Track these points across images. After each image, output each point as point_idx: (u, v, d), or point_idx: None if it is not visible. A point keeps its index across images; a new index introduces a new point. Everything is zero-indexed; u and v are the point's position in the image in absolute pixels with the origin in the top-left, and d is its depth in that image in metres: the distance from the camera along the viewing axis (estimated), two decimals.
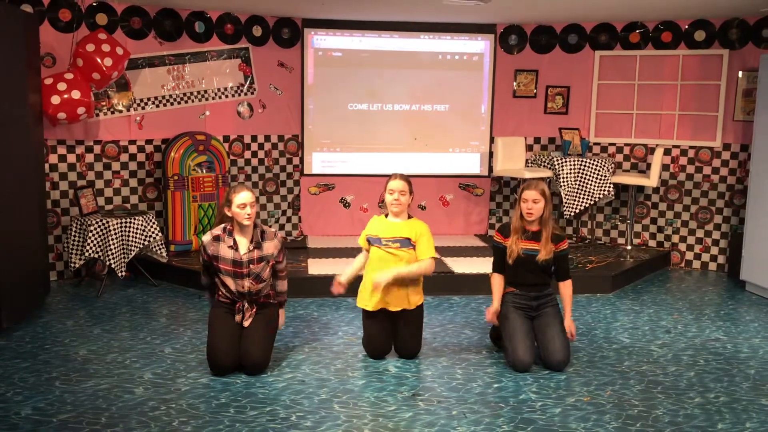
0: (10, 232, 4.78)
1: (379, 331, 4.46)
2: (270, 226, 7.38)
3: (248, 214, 4.16)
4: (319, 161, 7.61)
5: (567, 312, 4.49)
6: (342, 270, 6.16)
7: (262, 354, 4.19)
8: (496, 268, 4.58)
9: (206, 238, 4.26)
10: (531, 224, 4.42)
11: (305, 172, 7.59)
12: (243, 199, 4.16)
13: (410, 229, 4.42)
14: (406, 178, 4.43)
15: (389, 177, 4.45)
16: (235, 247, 4.21)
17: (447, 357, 4.56)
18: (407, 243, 4.39)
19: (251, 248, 4.22)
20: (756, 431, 3.58)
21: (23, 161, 5.07)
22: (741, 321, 5.44)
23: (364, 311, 4.48)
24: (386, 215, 4.53)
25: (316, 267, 6.20)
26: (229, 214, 4.22)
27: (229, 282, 4.22)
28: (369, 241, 4.48)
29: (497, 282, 4.56)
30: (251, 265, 4.20)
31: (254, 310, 4.26)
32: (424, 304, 4.59)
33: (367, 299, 4.43)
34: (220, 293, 4.29)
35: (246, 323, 4.23)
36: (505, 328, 4.38)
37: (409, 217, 4.51)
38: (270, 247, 4.29)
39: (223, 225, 4.28)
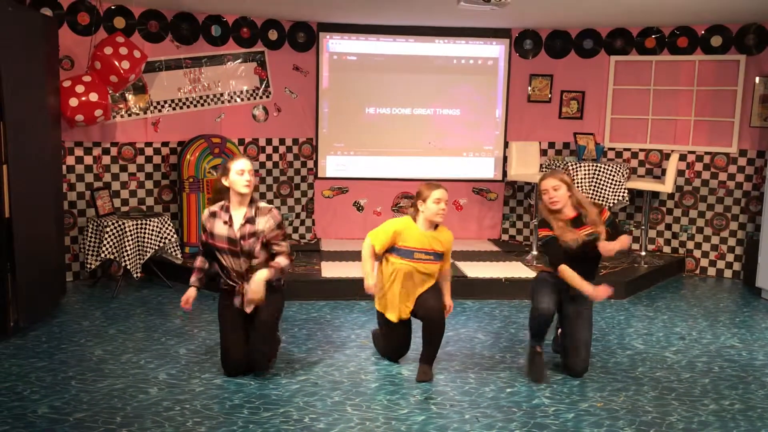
0: (27, 232, 4.82)
1: (400, 335, 4.37)
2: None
3: (247, 181, 4.02)
4: (333, 164, 7.64)
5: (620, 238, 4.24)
6: (356, 272, 6.18)
7: (270, 350, 4.16)
8: (558, 260, 4.21)
9: (204, 214, 4.15)
10: (564, 212, 4.23)
11: (319, 175, 7.62)
12: (242, 165, 4.04)
13: (440, 240, 4.23)
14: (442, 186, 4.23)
15: (427, 187, 4.18)
16: (230, 223, 4.08)
17: (460, 361, 4.55)
18: (439, 256, 4.24)
19: (243, 223, 4.07)
20: None
21: (41, 163, 5.12)
22: (756, 328, 5.40)
23: (386, 317, 4.33)
24: (414, 220, 4.25)
25: (330, 270, 6.22)
26: (226, 184, 4.08)
27: (228, 262, 4.11)
28: (394, 252, 4.20)
29: (567, 269, 4.17)
30: (242, 241, 4.05)
31: None
32: None
33: (393, 314, 4.26)
34: (222, 281, 4.16)
35: (248, 309, 4.09)
36: (535, 285, 4.30)
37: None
38: (262, 223, 4.08)
39: (221, 203, 4.14)
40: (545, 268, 4.45)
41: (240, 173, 4.03)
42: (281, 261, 4.12)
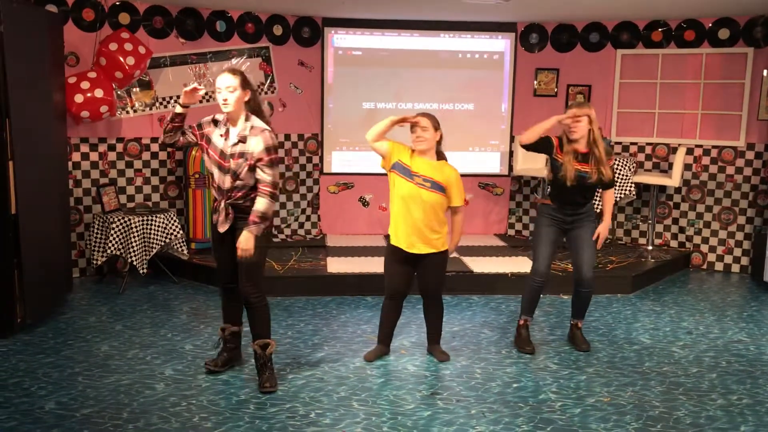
0: (33, 229, 4.83)
1: (399, 269, 4.33)
2: (290, 224, 7.42)
3: (224, 100, 3.78)
4: (339, 160, 7.63)
5: (606, 216, 4.65)
6: (361, 267, 6.18)
7: (252, 287, 3.93)
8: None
9: (207, 117, 4.01)
10: (579, 143, 4.43)
11: (325, 170, 7.61)
12: (219, 82, 3.80)
13: (441, 173, 4.28)
14: (430, 116, 4.30)
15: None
16: (226, 136, 3.89)
17: (466, 356, 4.55)
18: (439, 187, 4.25)
19: (237, 141, 3.84)
20: None
21: (47, 159, 5.13)
22: (764, 323, 5.37)
23: (392, 248, 4.32)
24: (413, 150, 4.31)
25: (335, 265, 6.22)
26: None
27: (215, 175, 3.91)
28: (395, 169, 4.28)
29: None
30: (232, 159, 3.83)
31: (232, 215, 3.89)
32: (444, 303, 4.55)
33: (402, 241, 4.28)
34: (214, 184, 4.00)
35: (221, 228, 3.90)
36: (535, 237, 4.70)
37: (439, 157, 4.34)
38: (252, 144, 3.80)
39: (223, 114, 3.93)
40: (545, 200, 4.71)
41: (218, 91, 3.81)
42: (259, 206, 3.79)
